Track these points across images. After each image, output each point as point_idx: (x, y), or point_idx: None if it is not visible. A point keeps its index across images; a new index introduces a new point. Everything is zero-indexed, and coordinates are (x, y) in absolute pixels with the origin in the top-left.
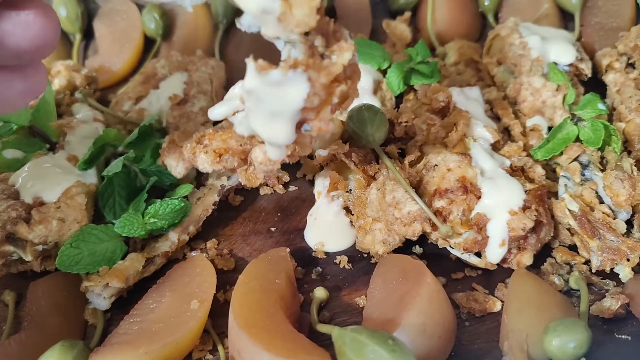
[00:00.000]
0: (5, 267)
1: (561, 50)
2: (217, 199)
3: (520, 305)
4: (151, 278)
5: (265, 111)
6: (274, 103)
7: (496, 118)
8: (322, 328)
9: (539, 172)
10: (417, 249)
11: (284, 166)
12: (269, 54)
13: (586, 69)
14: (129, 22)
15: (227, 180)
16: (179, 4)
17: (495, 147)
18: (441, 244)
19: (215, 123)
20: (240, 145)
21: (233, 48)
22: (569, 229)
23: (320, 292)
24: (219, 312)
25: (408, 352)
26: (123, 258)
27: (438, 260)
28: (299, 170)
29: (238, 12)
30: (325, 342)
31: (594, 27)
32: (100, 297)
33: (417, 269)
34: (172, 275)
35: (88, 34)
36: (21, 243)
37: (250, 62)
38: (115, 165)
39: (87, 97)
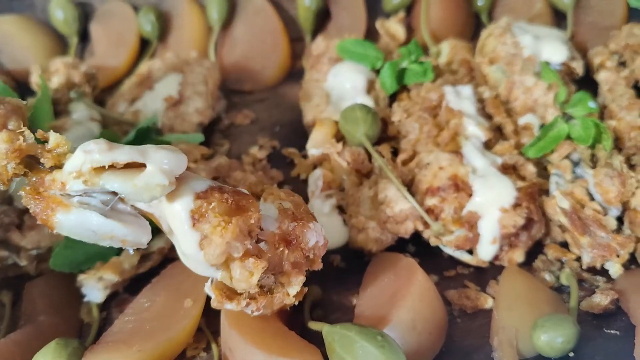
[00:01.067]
0: (1, 272)
1: (553, 49)
2: None
3: (511, 302)
4: (146, 278)
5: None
6: None
7: (488, 116)
8: (313, 325)
9: (530, 169)
10: (410, 247)
11: (278, 166)
12: (262, 53)
13: (578, 67)
14: (124, 24)
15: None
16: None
17: (487, 146)
18: (433, 242)
19: (206, 128)
20: None
21: (227, 50)
22: (560, 226)
23: (313, 291)
24: (212, 311)
25: (397, 348)
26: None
27: (431, 258)
28: (293, 170)
29: (233, 15)
30: (317, 340)
31: (586, 26)
32: (94, 289)
33: (408, 267)
34: (166, 274)
35: (84, 36)
36: (15, 248)
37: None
38: None
39: (82, 96)
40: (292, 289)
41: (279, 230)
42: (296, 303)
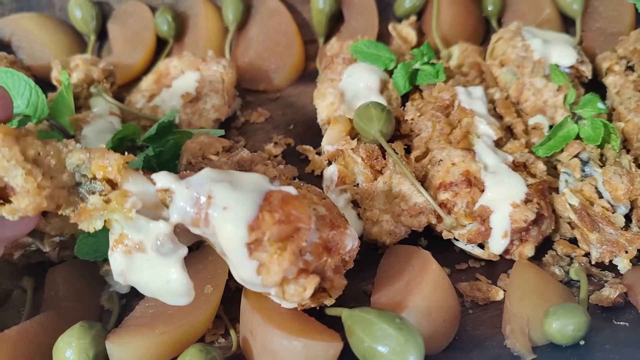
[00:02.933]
0: (24, 258)
1: (562, 52)
2: None
3: (522, 292)
4: None
5: None
6: None
7: (499, 117)
8: (331, 311)
9: (540, 167)
10: (423, 241)
11: (292, 161)
12: (276, 54)
13: (587, 71)
14: (141, 24)
15: None
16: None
17: (498, 144)
18: (446, 235)
19: (222, 125)
20: None
21: (242, 50)
22: (569, 223)
23: None
24: (230, 299)
25: (414, 330)
26: None
27: (442, 252)
28: (307, 166)
29: (248, 16)
30: (334, 328)
31: (594, 32)
32: None
33: (422, 258)
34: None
35: (102, 35)
36: (39, 235)
37: None
38: (138, 161)
39: (101, 92)
40: (336, 293)
41: (320, 239)
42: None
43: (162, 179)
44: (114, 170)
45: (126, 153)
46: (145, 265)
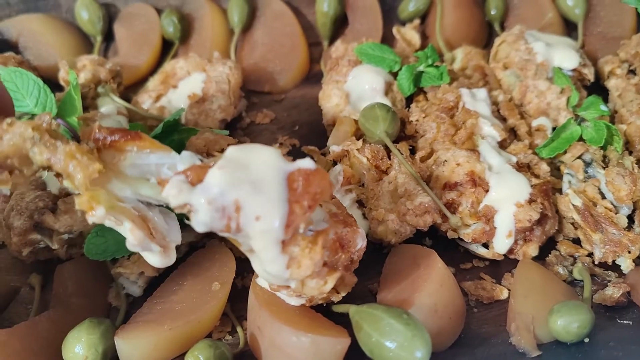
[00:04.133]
0: (33, 255)
1: (565, 56)
2: None
3: (526, 291)
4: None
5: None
6: None
7: (502, 119)
8: (339, 308)
9: (544, 168)
10: (427, 241)
11: None
12: (281, 56)
13: (589, 74)
14: (148, 25)
15: None
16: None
17: (502, 146)
18: (451, 235)
19: (228, 125)
20: None
21: (247, 52)
22: (572, 223)
23: None
24: (237, 297)
25: (421, 326)
26: None
27: (447, 251)
28: None
29: (253, 18)
30: (341, 324)
31: (596, 36)
32: (135, 284)
33: (428, 256)
34: (192, 261)
35: (108, 36)
36: (48, 232)
37: None
38: None
39: (109, 91)
40: (345, 290)
41: (335, 236)
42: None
43: (175, 193)
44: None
45: None
46: None
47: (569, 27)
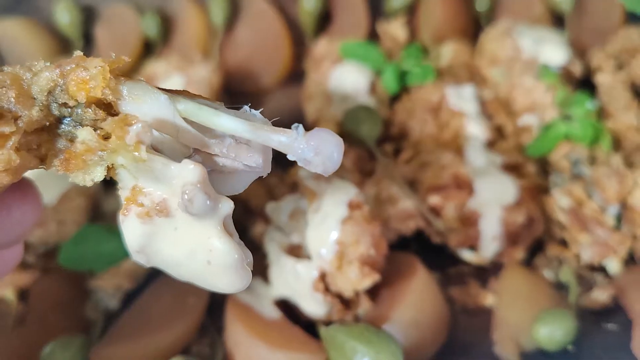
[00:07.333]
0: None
1: (552, 51)
2: None
3: (512, 298)
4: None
5: None
6: None
7: (488, 118)
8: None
9: (530, 169)
10: (412, 246)
11: (280, 163)
12: (264, 56)
13: (576, 70)
14: (128, 27)
15: None
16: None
17: (488, 145)
18: (435, 239)
19: None
20: None
21: (230, 52)
22: (559, 224)
23: None
24: (216, 309)
25: (388, 339)
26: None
27: (432, 255)
28: (292, 169)
29: (235, 17)
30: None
31: (584, 30)
32: (113, 298)
33: (409, 263)
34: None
35: (88, 39)
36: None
37: None
38: None
39: None
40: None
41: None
42: None
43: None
44: (98, 84)
45: None
46: (172, 236)
47: (556, 21)
